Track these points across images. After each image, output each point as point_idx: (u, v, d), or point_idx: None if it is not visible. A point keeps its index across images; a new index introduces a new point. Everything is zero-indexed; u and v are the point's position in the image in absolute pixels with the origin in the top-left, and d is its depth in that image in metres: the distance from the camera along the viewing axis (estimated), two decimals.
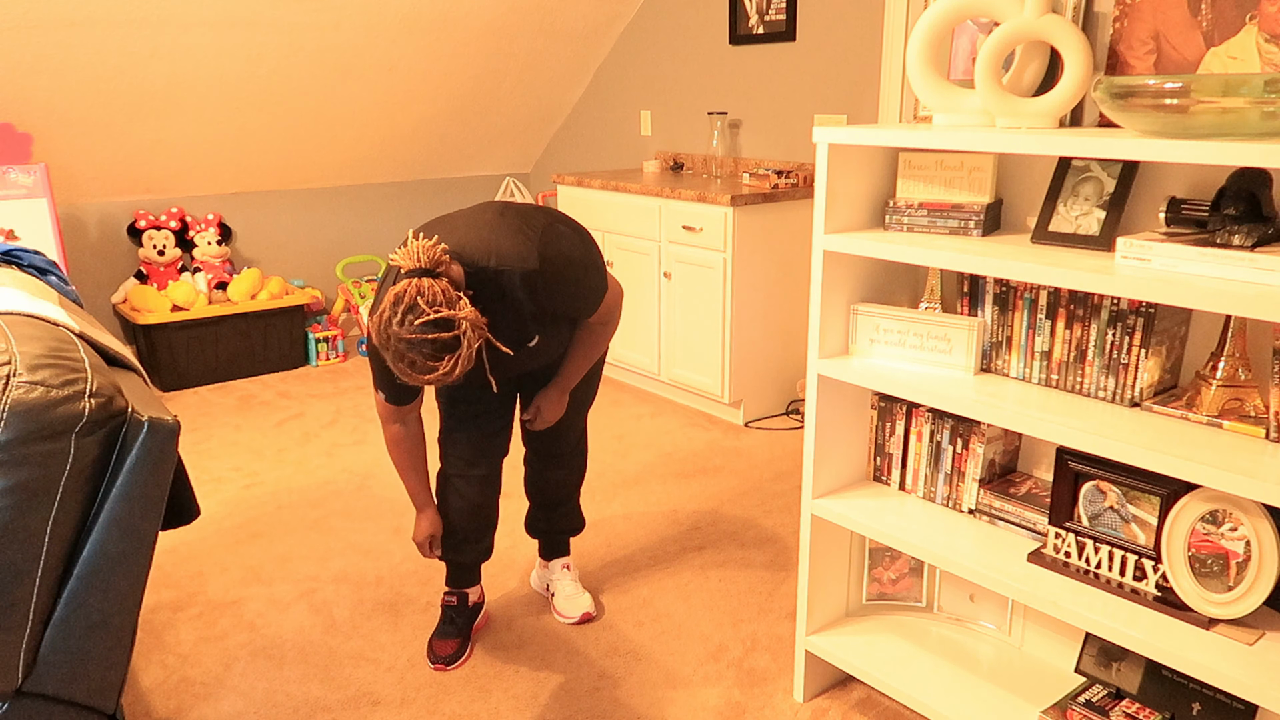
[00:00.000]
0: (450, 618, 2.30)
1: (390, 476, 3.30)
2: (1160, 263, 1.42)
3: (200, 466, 3.41)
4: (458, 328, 1.65)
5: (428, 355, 1.64)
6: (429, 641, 2.30)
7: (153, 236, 4.38)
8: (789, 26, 3.92)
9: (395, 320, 1.63)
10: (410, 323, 1.62)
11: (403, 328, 1.62)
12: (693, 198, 3.65)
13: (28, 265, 2.07)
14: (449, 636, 2.27)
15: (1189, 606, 1.50)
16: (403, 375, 1.68)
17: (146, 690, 2.16)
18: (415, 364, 1.65)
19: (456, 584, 2.32)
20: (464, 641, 2.28)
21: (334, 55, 4.15)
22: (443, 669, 2.23)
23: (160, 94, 3.94)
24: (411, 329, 1.62)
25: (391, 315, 1.64)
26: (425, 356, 1.64)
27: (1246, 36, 1.49)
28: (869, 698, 2.11)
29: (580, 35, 4.73)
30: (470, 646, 2.31)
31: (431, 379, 1.66)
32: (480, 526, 2.26)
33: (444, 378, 1.66)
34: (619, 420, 3.85)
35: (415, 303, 1.63)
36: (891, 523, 1.86)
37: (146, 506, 1.52)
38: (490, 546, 2.32)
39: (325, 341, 4.67)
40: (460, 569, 2.31)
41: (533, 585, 2.58)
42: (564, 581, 2.46)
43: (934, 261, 1.64)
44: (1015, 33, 1.63)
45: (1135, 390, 1.60)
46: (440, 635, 2.28)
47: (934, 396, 1.69)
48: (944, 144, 1.59)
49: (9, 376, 1.37)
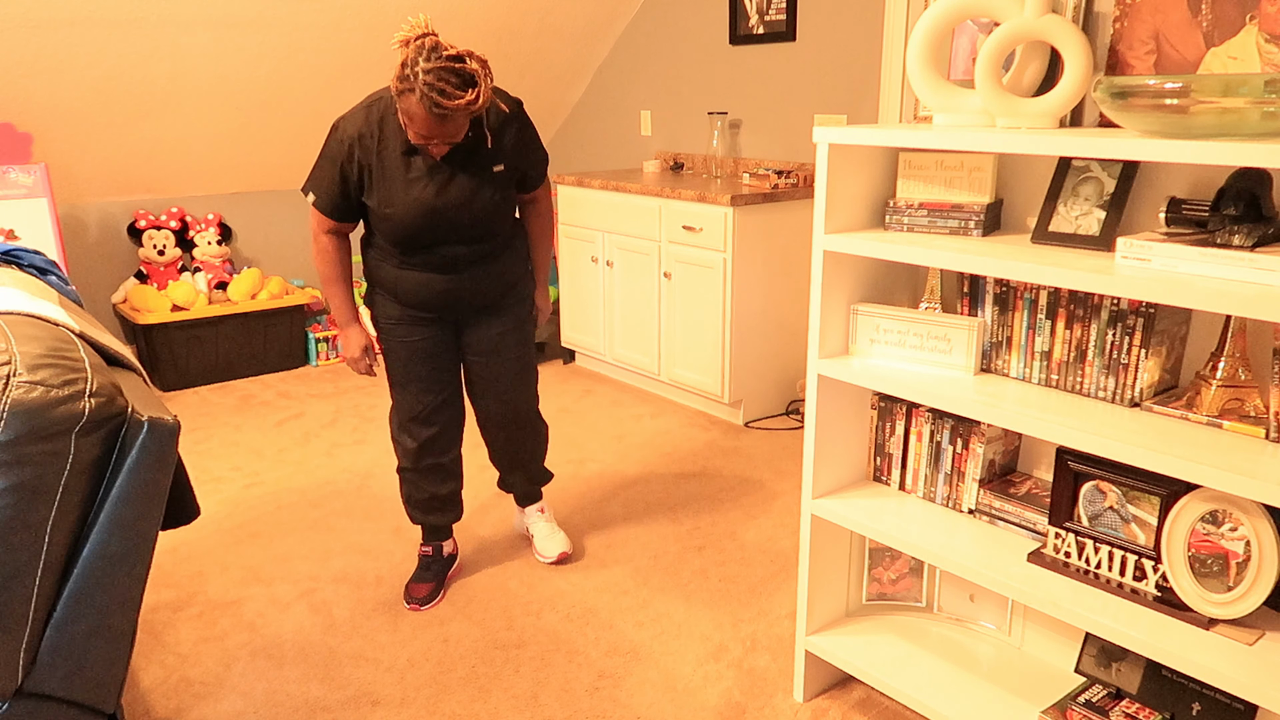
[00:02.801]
0: (426, 565, 2.55)
1: (390, 476, 3.31)
2: (1160, 263, 1.42)
3: (200, 466, 3.41)
4: (474, 64, 1.92)
5: (455, 86, 1.89)
6: (405, 585, 2.52)
7: (153, 236, 4.38)
8: (789, 26, 3.92)
9: (421, 59, 1.88)
10: (435, 58, 1.89)
11: (429, 63, 1.88)
12: (693, 198, 3.65)
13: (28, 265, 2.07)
14: (424, 581, 2.51)
15: (1189, 606, 1.50)
16: (432, 109, 1.89)
17: (146, 690, 2.16)
18: (445, 92, 1.88)
19: (430, 539, 2.57)
20: (438, 586, 2.51)
21: (334, 55, 4.15)
22: (417, 608, 2.46)
23: (160, 94, 3.94)
24: (439, 60, 1.88)
25: (417, 56, 1.89)
26: (453, 86, 1.89)
27: (1246, 36, 1.49)
28: (869, 698, 2.11)
29: (580, 35, 4.73)
30: (443, 591, 2.54)
31: (459, 105, 1.89)
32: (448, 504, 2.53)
33: (469, 106, 1.90)
34: (619, 420, 3.86)
35: (437, 44, 1.90)
36: (891, 523, 1.86)
37: (146, 506, 1.52)
38: (459, 513, 2.58)
39: (325, 341, 4.67)
40: (433, 529, 2.56)
41: (515, 528, 2.86)
42: (539, 524, 2.71)
43: (934, 261, 1.64)
44: (1015, 33, 1.63)
45: (1135, 390, 1.60)
46: (416, 580, 2.51)
47: (934, 396, 1.69)
48: (944, 144, 1.59)
49: (9, 376, 1.37)
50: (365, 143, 2.08)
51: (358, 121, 2.09)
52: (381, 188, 2.10)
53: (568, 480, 3.27)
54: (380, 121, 2.08)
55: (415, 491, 2.49)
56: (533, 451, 2.63)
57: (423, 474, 2.46)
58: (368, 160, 2.09)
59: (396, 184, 2.09)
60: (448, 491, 2.51)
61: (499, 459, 2.64)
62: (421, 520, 2.53)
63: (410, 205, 2.10)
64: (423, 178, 2.10)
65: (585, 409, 3.99)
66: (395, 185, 2.09)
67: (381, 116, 2.09)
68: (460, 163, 2.12)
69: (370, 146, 2.08)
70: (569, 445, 3.59)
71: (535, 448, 2.63)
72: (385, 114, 2.09)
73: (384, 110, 2.09)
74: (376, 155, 2.08)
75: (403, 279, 2.23)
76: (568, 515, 3.00)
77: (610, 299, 4.21)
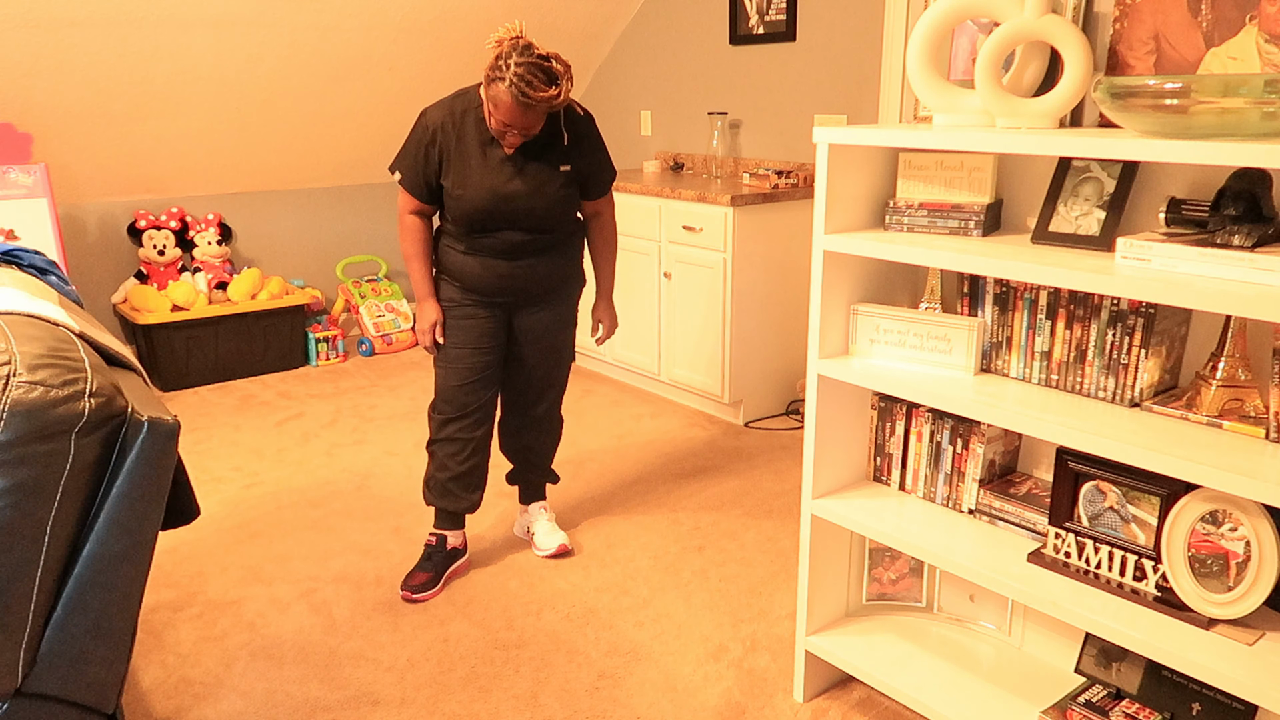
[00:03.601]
0: (428, 554, 2.58)
1: (390, 476, 3.31)
2: (1160, 263, 1.42)
3: (200, 466, 3.41)
4: (559, 65, 2.15)
5: (541, 81, 2.11)
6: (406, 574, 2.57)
7: (153, 236, 4.38)
8: (789, 26, 3.92)
9: (515, 54, 2.12)
10: (528, 54, 2.12)
11: (522, 58, 2.11)
12: (693, 198, 3.65)
13: (28, 265, 2.07)
14: (422, 570, 2.55)
15: (1189, 607, 1.50)
16: (519, 99, 2.11)
17: (146, 690, 2.16)
18: (531, 84, 2.10)
19: (439, 525, 2.61)
20: (435, 577, 2.54)
21: (334, 55, 4.15)
22: (408, 595, 2.49)
23: (160, 94, 3.94)
24: (530, 57, 2.12)
25: (511, 50, 2.12)
26: (540, 81, 2.11)
27: (1246, 37, 1.49)
28: (869, 698, 2.11)
29: (580, 35, 4.73)
30: (441, 585, 2.56)
31: (542, 98, 2.11)
32: (468, 485, 2.56)
33: (550, 100, 2.13)
34: (619, 420, 3.86)
35: (530, 44, 2.14)
36: (891, 523, 1.86)
37: (146, 506, 1.52)
38: (477, 502, 2.60)
39: (325, 341, 4.67)
40: (444, 514, 2.60)
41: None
42: (541, 521, 2.77)
43: (934, 261, 1.64)
44: (1015, 33, 1.63)
45: (1135, 390, 1.60)
46: (417, 569, 2.56)
47: (934, 397, 1.69)
48: (944, 144, 1.59)
49: (9, 376, 1.37)
50: (446, 130, 2.30)
51: (442, 111, 2.32)
52: (457, 171, 2.30)
53: (568, 480, 3.27)
54: (463, 114, 2.31)
55: (436, 470, 2.55)
56: (547, 446, 2.74)
57: (444, 445, 2.52)
58: (447, 145, 2.30)
59: (472, 169, 2.30)
60: (465, 469, 2.53)
61: (513, 449, 2.72)
62: (433, 502, 2.57)
63: (480, 189, 2.30)
64: (496, 167, 2.30)
65: (585, 409, 3.99)
66: (470, 170, 2.30)
67: (465, 109, 2.31)
68: (531, 158, 2.32)
69: (450, 134, 2.30)
70: (569, 445, 3.59)
71: (549, 443, 2.74)
72: (468, 108, 2.31)
73: (467, 104, 2.32)
74: (456, 142, 2.30)
75: (467, 264, 2.40)
76: (568, 515, 3.00)
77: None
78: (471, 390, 2.49)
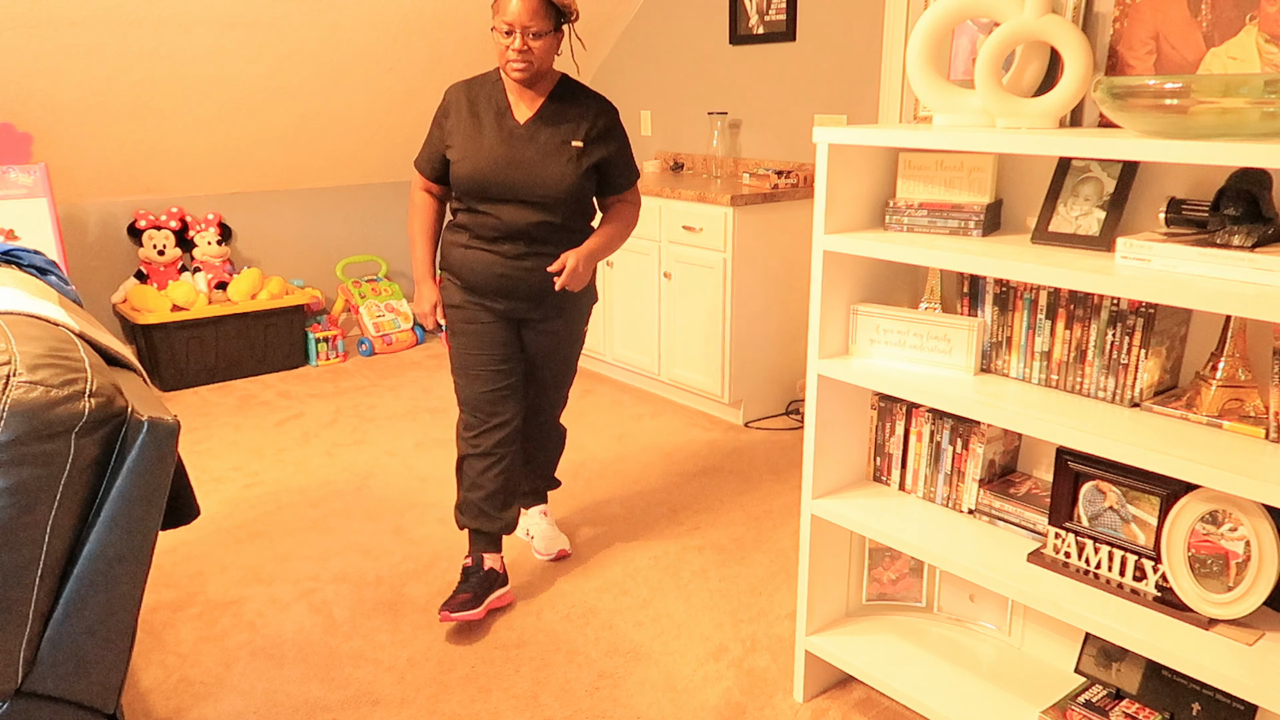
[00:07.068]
0: (466, 575, 2.44)
1: (390, 476, 3.31)
2: (1160, 263, 1.42)
3: (200, 466, 3.41)
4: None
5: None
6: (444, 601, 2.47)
7: (153, 236, 4.38)
8: (789, 26, 3.92)
9: None
10: None
11: None
12: (693, 198, 3.65)
13: (28, 265, 2.07)
14: (464, 591, 2.38)
15: (1189, 607, 1.50)
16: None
17: (146, 690, 2.16)
18: None
19: (475, 548, 2.49)
20: (476, 597, 2.37)
21: (334, 55, 4.15)
22: (447, 616, 2.31)
23: (160, 94, 3.94)
24: None
25: None
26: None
27: (1246, 37, 1.49)
28: (869, 698, 2.11)
29: (580, 35, 4.73)
30: (484, 610, 2.37)
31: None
32: (502, 504, 2.46)
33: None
34: (619, 420, 3.86)
35: None
36: (891, 523, 1.86)
37: (146, 506, 1.52)
38: (512, 522, 2.49)
39: (325, 341, 4.67)
40: (480, 536, 2.49)
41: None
42: (541, 524, 2.77)
43: (934, 261, 1.64)
44: (1015, 33, 1.63)
45: (1135, 390, 1.60)
46: (457, 590, 2.39)
47: (934, 396, 1.69)
48: (944, 144, 1.59)
49: (9, 376, 1.37)
50: (459, 101, 2.36)
51: (460, 87, 2.38)
52: (464, 136, 2.33)
53: (568, 480, 3.27)
54: (479, 85, 2.37)
55: (468, 490, 2.45)
56: (551, 456, 2.74)
57: (475, 461, 2.43)
58: (459, 115, 2.35)
59: (481, 135, 2.32)
60: (498, 485, 2.43)
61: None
62: (467, 524, 2.47)
63: (486, 152, 2.31)
64: (505, 135, 2.32)
65: (585, 409, 3.99)
66: (478, 136, 2.32)
67: (481, 82, 2.37)
68: (542, 128, 2.32)
69: (463, 105, 2.35)
70: (569, 445, 3.59)
71: (553, 452, 2.74)
72: (485, 84, 2.37)
73: (485, 79, 2.38)
74: (468, 111, 2.34)
75: (468, 258, 2.38)
76: (568, 515, 3.00)
77: (610, 299, 4.21)
78: (499, 400, 2.42)
